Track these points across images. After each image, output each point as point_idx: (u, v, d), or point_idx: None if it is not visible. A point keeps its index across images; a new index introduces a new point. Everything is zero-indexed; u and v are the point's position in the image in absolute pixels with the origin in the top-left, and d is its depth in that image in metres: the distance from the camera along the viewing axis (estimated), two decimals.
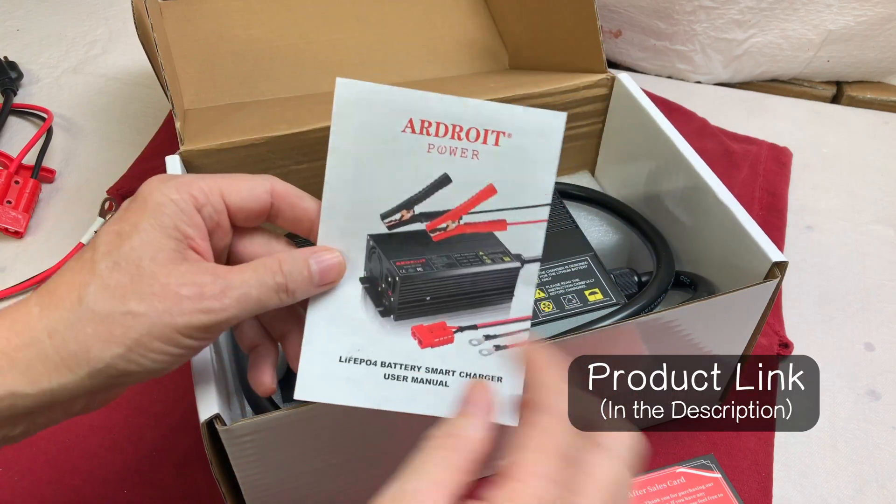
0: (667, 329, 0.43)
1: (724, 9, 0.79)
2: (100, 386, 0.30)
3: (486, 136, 0.35)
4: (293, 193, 0.36)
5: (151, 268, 0.30)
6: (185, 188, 0.33)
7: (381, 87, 0.35)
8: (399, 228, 0.36)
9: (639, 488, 0.49)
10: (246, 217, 0.35)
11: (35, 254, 0.64)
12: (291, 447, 0.39)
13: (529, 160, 0.36)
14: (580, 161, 0.64)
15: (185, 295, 0.30)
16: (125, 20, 0.92)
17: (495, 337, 0.36)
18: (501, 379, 0.36)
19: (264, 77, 0.62)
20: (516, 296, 0.37)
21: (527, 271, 0.37)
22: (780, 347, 0.57)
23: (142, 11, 0.53)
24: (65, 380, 0.30)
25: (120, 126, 0.77)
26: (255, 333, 0.37)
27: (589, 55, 0.58)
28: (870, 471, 0.51)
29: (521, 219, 0.36)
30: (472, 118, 0.35)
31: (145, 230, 0.31)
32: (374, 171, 0.35)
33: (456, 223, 0.36)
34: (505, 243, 0.36)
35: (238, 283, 0.32)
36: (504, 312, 0.37)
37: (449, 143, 0.35)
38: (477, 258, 0.36)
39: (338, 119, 0.35)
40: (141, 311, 0.30)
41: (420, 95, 0.35)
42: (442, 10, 0.69)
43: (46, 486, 0.48)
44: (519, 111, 0.35)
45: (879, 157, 0.77)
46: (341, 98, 0.35)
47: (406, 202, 0.36)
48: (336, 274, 0.35)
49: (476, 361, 0.36)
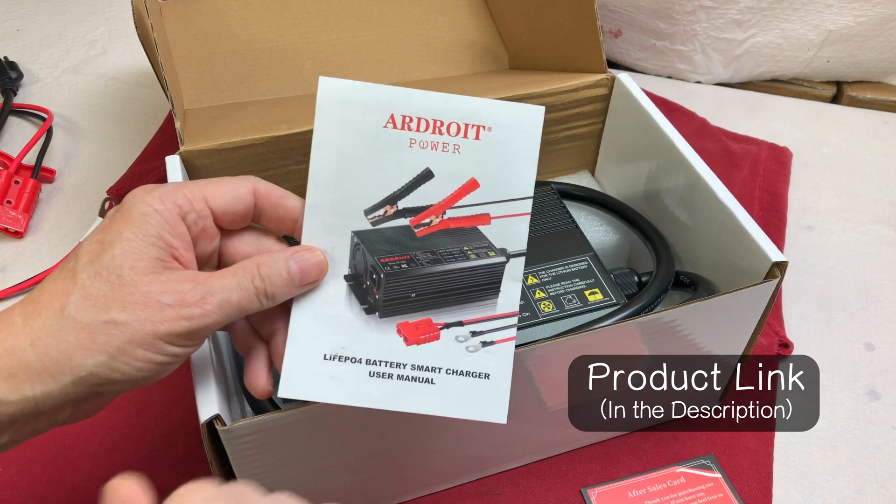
0: (667, 329, 0.43)
1: (724, 9, 0.79)
2: (84, 394, 0.31)
3: (466, 131, 0.36)
4: (276, 193, 0.36)
5: (132, 277, 0.31)
6: (168, 197, 0.33)
7: (363, 84, 0.35)
8: (383, 224, 0.36)
9: (639, 488, 0.49)
10: (232, 220, 0.35)
11: (35, 254, 0.64)
12: (291, 447, 0.39)
13: (510, 153, 0.36)
14: (580, 161, 0.64)
15: (166, 303, 0.31)
16: (125, 20, 0.92)
17: (482, 333, 0.36)
18: (489, 376, 0.36)
19: (264, 77, 0.62)
20: (503, 291, 0.37)
21: (513, 266, 0.37)
22: (780, 347, 0.57)
23: (142, 11, 0.53)
24: (47, 388, 0.30)
25: (120, 126, 0.77)
26: (248, 335, 0.37)
27: (589, 55, 0.58)
28: (870, 471, 0.51)
29: (505, 212, 0.36)
30: (452, 113, 0.35)
31: (127, 239, 0.31)
32: (358, 167, 0.35)
33: (439, 218, 0.36)
34: (489, 238, 0.36)
35: (218, 288, 0.32)
36: (491, 308, 0.37)
37: (430, 137, 0.35)
38: (462, 254, 0.36)
39: (321, 116, 0.35)
40: (122, 320, 0.30)
41: (401, 91, 0.35)
42: (442, 10, 0.69)
43: (46, 486, 0.48)
44: (498, 105, 0.36)
45: (879, 157, 0.77)
46: (324, 96, 0.35)
47: (389, 198, 0.36)
48: (317, 273, 0.35)
49: (462, 358, 0.36)
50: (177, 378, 0.53)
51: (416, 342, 0.36)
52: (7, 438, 0.31)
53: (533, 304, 0.46)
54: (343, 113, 0.35)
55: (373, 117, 0.35)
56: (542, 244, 0.50)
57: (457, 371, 0.36)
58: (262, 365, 0.36)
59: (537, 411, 0.45)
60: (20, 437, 0.32)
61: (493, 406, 0.36)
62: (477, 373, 0.36)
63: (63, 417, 0.32)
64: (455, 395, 0.36)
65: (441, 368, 0.36)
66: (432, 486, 0.48)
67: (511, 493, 0.48)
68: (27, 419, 0.31)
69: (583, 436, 0.50)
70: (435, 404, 0.35)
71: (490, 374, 0.36)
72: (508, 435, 0.46)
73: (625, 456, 0.51)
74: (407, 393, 0.35)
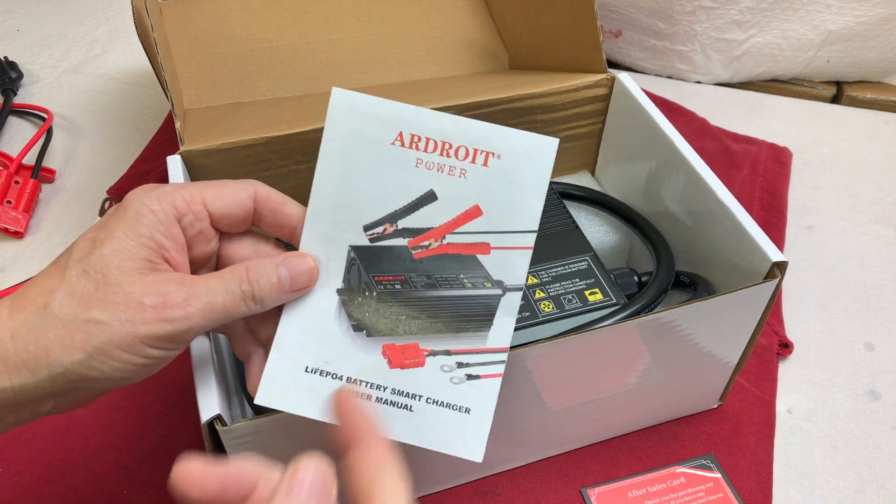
0: (667, 329, 0.43)
1: (724, 9, 0.79)
2: (62, 389, 0.31)
3: (475, 156, 0.35)
4: (276, 199, 0.36)
5: (117, 276, 0.31)
6: (166, 198, 0.33)
7: (376, 98, 0.35)
8: (381, 242, 0.35)
9: (639, 488, 0.49)
10: (230, 223, 0.35)
11: (35, 254, 0.64)
12: (292, 448, 0.39)
13: (518, 184, 0.35)
14: (580, 161, 0.64)
15: (148, 304, 0.30)
16: (125, 20, 0.92)
17: (468, 366, 0.35)
18: (469, 410, 0.35)
19: (264, 77, 0.62)
20: (495, 325, 0.35)
21: (508, 300, 0.35)
22: (780, 347, 0.57)
23: (142, 11, 0.53)
24: (24, 380, 0.30)
25: (120, 126, 0.78)
26: (247, 340, 0.37)
27: (589, 55, 0.58)
28: (870, 471, 0.51)
29: (506, 244, 0.35)
30: (462, 136, 0.35)
31: (118, 238, 0.31)
32: (361, 180, 0.35)
33: (439, 242, 0.36)
34: (488, 268, 0.36)
35: (203, 291, 0.32)
36: (481, 341, 0.35)
37: (437, 159, 0.35)
38: (458, 281, 0.36)
39: (330, 126, 0.35)
40: (103, 320, 0.30)
41: (412, 110, 0.35)
42: (442, 10, 0.69)
43: (46, 486, 0.48)
44: (511, 133, 0.35)
45: (879, 157, 0.77)
46: (335, 106, 0.35)
47: (390, 215, 0.35)
48: (308, 279, 0.35)
49: (445, 389, 0.35)
50: (177, 378, 0.53)
51: (400, 366, 0.35)
52: None
53: (533, 304, 0.46)
54: (352, 125, 0.35)
55: (381, 133, 0.35)
56: (542, 244, 0.50)
57: (437, 401, 0.35)
58: (262, 369, 0.36)
59: (537, 411, 0.45)
60: (3, 427, 0.32)
61: (470, 443, 0.34)
62: (458, 406, 0.35)
63: (46, 409, 0.32)
64: (432, 425, 0.35)
65: (422, 396, 0.35)
66: (432, 485, 0.48)
67: (511, 493, 0.48)
68: (9, 409, 0.31)
69: (583, 436, 0.50)
70: (410, 433, 0.34)
71: (471, 409, 0.35)
72: (508, 435, 0.46)
73: (625, 456, 0.51)
74: (383, 417, 0.34)
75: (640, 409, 0.50)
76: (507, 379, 0.37)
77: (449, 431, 0.35)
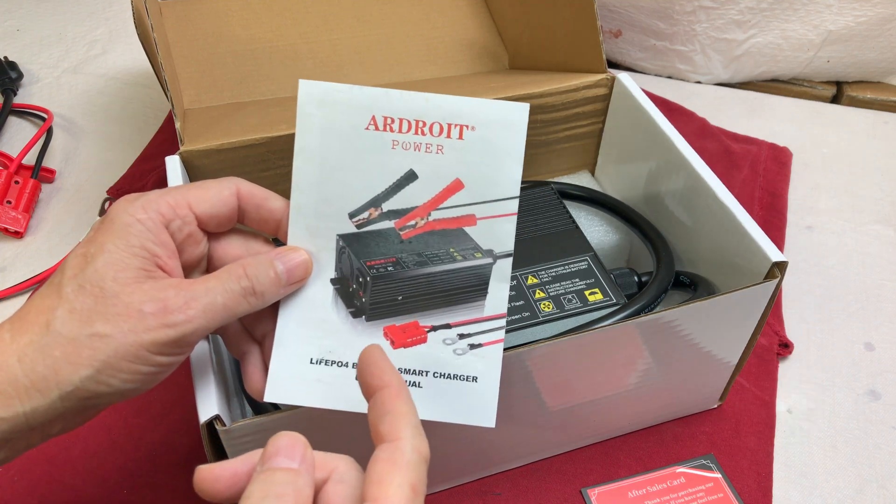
0: (667, 329, 0.43)
1: (724, 9, 0.79)
2: (73, 408, 0.31)
3: (449, 131, 0.35)
4: (259, 194, 0.36)
5: (114, 288, 0.31)
6: (151, 206, 0.33)
7: (343, 86, 0.35)
8: (368, 227, 0.36)
9: (639, 488, 0.49)
10: (217, 223, 0.35)
11: (35, 254, 0.64)
12: None
13: (495, 153, 0.35)
14: (580, 161, 0.64)
15: (148, 311, 0.30)
16: (125, 20, 0.92)
17: (470, 336, 0.36)
18: (476, 379, 0.35)
19: (264, 77, 0.62)
20: (490, 293, 0.36)
21: (500, 267, 0.36)
22: (780, 347, 0.57)
23: (142, 11, 0.53)
24: (36, 403, 0.30)
25: (120, 126, 0.78)
26: (242, 339, 0.37)
27: (589, 55, 0.58)
28: (870, 471, 0.51)
29: (491, 213, 0.36)
30: (434, 112, 0.35)
31: (110, 251, 0.31)
32: (341, 170, 0.35)
33: (425, 220, 0.36)
34: (476, 239, 0.36)
35: (202, 292, 0.32)
36: (478, 310, 0.36)
37: (413, 138, 0.35)
38: (448, 255, 0.36)
39: (302, 119, 0.35)
40: (106, 332, 0.30)
41: (382, 92, 0.35)
42: (442, 10, 0.69)
43: (46, 486, 0.48)
44: (481, 104, 0.35)
45: (879, 157, 0.77)
46: (305, 99, 0.35)
47: (373, 200, 0.36)
48: (303, 272, 0.35)
49: (450, 361, 0.35)
50: (177, 378, 0.53)
51: (403, 345, 0.35)
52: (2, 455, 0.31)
53: (533, 304, 0.46)
54: (324, 115, 0.35)
55: (354, 119, 0.35)
56: (542, 244, 0.50)
57: (444, 374, 0.35)
58: (258, 367, 0.36)
59: (537, 411, 0.45)
60: (13, 453, 0.32)
61: (481, 410, 0.35)
62: (465, 376, 0.35)
63: (55, 431, 0.32)
64: (442, 398, 0.35)
65: (428, 372, 0.35)
66: (432, 485, 0.48)
67: (511, 493, 0.48)
68: (21, 435, 0.31)
69: (583, 436, 0.50)
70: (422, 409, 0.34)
71: (478, 376, 0.35)
72: (509, 435, 0.46)
73: (625, 456, 0.51)
74: None
75: (640, 409, 0.50)
76: (506, 379, 0.37)
77: (460, 402, 0.35)
